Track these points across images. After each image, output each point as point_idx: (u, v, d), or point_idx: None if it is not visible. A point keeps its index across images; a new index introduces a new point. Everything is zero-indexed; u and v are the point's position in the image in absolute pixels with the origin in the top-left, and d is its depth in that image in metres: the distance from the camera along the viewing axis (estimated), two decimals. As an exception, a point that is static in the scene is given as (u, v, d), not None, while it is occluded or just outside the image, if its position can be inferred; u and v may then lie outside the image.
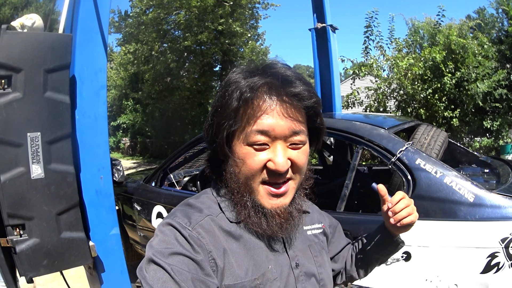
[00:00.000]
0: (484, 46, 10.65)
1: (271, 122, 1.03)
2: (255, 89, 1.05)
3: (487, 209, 2.36)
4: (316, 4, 6.14)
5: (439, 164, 2.63)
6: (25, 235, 2.52)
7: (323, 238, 1.39)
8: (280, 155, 1.05)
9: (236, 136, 1.08)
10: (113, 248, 2.98)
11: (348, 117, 3.67)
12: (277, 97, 1.04)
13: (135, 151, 32.02)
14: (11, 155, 2.47)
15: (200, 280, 0.96)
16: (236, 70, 1.13)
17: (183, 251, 0.99)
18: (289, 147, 1.07)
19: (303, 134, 1.09)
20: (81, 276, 4.17)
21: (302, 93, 1.06)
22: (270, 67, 1.12)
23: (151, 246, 1.02)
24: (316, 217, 1.41)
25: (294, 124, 1.06)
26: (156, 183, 4.39)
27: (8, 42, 2.45)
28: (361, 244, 1.51)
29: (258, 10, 20.38)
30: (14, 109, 2.45)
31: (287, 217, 1.10)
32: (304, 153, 1.11)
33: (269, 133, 1.04)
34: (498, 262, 2.23)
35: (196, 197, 1.20)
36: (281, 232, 1.10)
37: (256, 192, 1.09)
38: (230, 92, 1.07)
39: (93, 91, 2.89)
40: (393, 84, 10.91)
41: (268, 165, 1.05)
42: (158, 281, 0.94)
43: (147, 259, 1.00)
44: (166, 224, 1.06)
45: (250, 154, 1.06)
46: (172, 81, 22.80)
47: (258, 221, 1.09)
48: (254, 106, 1.05)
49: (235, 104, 1.06)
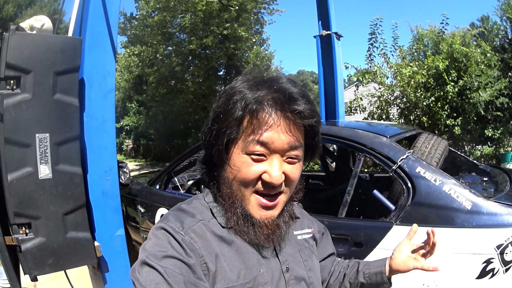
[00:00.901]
0: (487, 54, 10.66)
1: (272, 136, 1.05)
2: (261, 102, 1.07)
3: (484, 217, 2.40)
4: (322, 12, 6.20)
5: (439, 172, 2.67)
6: (31, 234, 2.55)
7: (312, 242, 1.41)
8: (276, 168, 1.07)
9: (235, 144, 1.10)
10: (117, 248, 3.02)
11: (351, 125, 3.70)
12: (281, 112, 1.06)
13: (137, 153, 31.97)
14: (19, 155, 2.51)
15: (192, 283, 0.99)
16: (240, 79, 1.15)
17: (176, 254, 1.01)
18: (285, 161, 1.10)
19: (300, 150, 1.11)
20: (82, 276, 4.20)
21: (305, 112, 1.08)
22: (276, 81, 1.13)
23: (144, 249, 1.04)
24: (306, 222, 1.43)
25: (294, 139, 1.08)
26: (160, 186, 4.42)
27: (17, 43, 2.50)
28: (354, 270, 1.49)
29: (263, 16, 20.45)
30: (22, 109, 2.50)
31: (274, 229, 1.13)
32: (298, 168, 1.14)
33: (268, 146, 1.06)
34: (493, 268, 2.27)
35: (188, 202, 1.22)
36: (267, 242, 1.13)
37: (247, 201, 1.11)
38: (234, 100, 1.08)
39: (102, 94, 2.94)
40: (396, 92, 10.91)
41: (263, 177, 1.08)
42: (151, 283, 0.96)
43: (140, 261, 1.02)
44: (159, 228, 1.08)
45: (246, 163, 1.08)
46: (176, 84, 22.79)
47: (246, 230, 1.11)
48: (258, 118, 1.06)
49: (239, 114, 1.07)
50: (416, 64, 10.49)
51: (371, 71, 11.07)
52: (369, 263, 1.48)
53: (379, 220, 2.75)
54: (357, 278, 1.45)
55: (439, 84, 10.13)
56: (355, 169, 2.97)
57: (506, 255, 2.26)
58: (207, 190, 1.24)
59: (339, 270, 1.53)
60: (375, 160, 2.92)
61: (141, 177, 6.10)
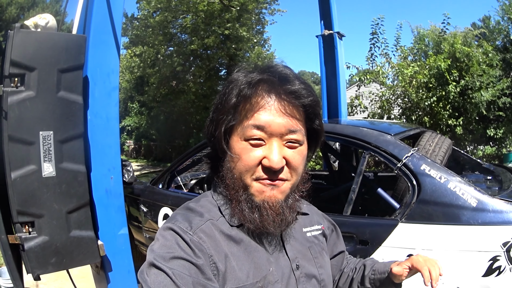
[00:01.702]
0: (489, 54, 10.67)
1: (267, 118, 1.05)
2: (253, 86, 1.07)
3: (490, 214, 2.39)
4: (324, 11, 6.18)
5: (444, 170, 2.66)
6: (34, 233, 2.54)
7: (322, 239, 1.39)
8: (276, 152, 1.05)
9: (234, 131, 1.10)
10: (121, 247, 3.01)
11: (355, 123, 3.70)
12: (275, 94, 1.06)
13: (139, 153, 32.04)
14: (23, 152, 2.50)
15: (201, 284, 0.97)
16: (238, 69, 1.16)
17: (184, 255, 0.99)
18: (286, 145, 1.08)
19: (300, 133, 1.09)
20: (84, 275, 4.20)
21: (299, 91, 1.07)
22: (270, 66, 1.14)
23: (152, 250, 1.03)
24: (316, 219, 1.41)
25: (291, 121, 1.06)
26: (163, 185, 4.42)
27: (22, 41, 2.48)
28: (360, 274, 1.45)
29: (264, 16, 20.48)
30: (27, 107, 2.49)
31: (279, 211, 1.09)
32: (300, 153, 1.11)
33: (265, 129, 1.05)
34: (500, 265, 2.25)
35: (196, 200, 1.22)
36: (273, 227, 1.09)
37: (249, 188, 1.09)
38: (230, 89, 1.10)
39: (106, 92, 2.93)
40: (397, 92, 10.91)
41: (263, 162, 1.06)
42: (159, 285, 0.95)
43: (148, 263, 1.01)
44: (167, 229, 1.07)
45: (246, 149, 1.07)
46: (177, 85, 22.84)
47: (252, 216, 1.08)
48: (252, 101, 1.06)
49: (233, 100, 1.08)
50: (417, 64, 10.50)
51: (372, 71, 11.08)
52: (375, 267, 1.43)
53: (385, 218, 2.74)
54: (364, 284, 1.42)
55: (440, 84, 10.15)
56: (360, 166, 2.96)
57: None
58: (214, 186, 1.23)
59: (347, 273, 1.50)
60: (380, 158, 2.91)
61: (143, 176, 6.09)
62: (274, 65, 1.14)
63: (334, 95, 6.17)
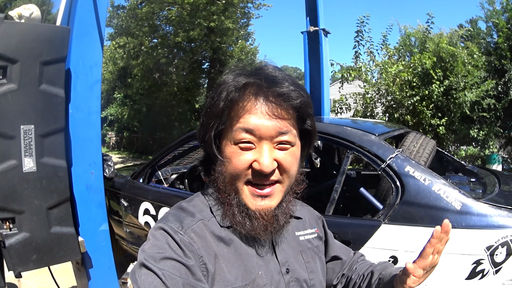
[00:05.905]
0: (474, 55, 10.76)
1: (256, 122, 1.04)
2: (240, 89, 1.06)
3: (474, 217, 2.40)
4: (310, 8, 6.16)
5: (428, 172, 2.67)
6: (15, 229, 2.50)
7: (317, 243, 1.36)
8: (266, 155, 1.04)
9: (224, 136, 1.09)
10: (101, 244, 2.98)
11: (338, 122, 3.70)
12: (262, 97, 1.05)
13: (120, 145, 31.79)
14: (3, 147, 2.46)
15: (191, 285, 0.97)
16: (227, 71, 1.14)
17: (175, 256, 0.99)
18: (276, 147, 1.07)
19: (291, 135, 1.08)
20: (65, 270, 4.14)
21: (288, 93, 1.05)
22: (258, 68, 1.13)
23: (143, 250, 1.02)
24: (309, 222, 1.39)
25: (281, 123, 1.05)
26: (144, 180, 4.38)
27: (5, 33, 2.43)
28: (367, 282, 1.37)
29: (250, 10, 20.40)
30: (8, 100, 2.43)
31: (272, 220, 1.09)
32: (292, 155, 1.10)
33: (254, 132, 1.04)
34: (483, 269, 2.28)
35: (189, 200, 1.21)
36: (265, 234, 1.10)
37: (240, 192, 1.08)
38: (218, 92, 1.09)
39: (88, 86, 2.89)
40: (381, 90, 10.96)
41: (253, 166, 1.05)
42: (149, 286, 0.95)
43: (139, 263, 1.00)
44: (158, 229, 1.06)
45: (236, 153, 1.06)
46: (160, 77, 22.69)
47: (242, 221, 1.08)
48: (240, 105, 1.05)
49: (222, 104, 1.07)
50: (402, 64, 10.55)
51: (355, 68, 11.09)
52: (382, 275, 1.33)
53: (368, 219, 2.75)
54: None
55: (424, 84, 10.19)
56: (343, 166, 2.96)
57: (496, 256, 2.26)
58: (207, 187, 1.22)
59: (355, 279, 1.43)
60: (364, 158, 2.91)
61: (124, 170, 6.04)
62: (263, 67, 1.13)
63: (317, 92, 6.16)
